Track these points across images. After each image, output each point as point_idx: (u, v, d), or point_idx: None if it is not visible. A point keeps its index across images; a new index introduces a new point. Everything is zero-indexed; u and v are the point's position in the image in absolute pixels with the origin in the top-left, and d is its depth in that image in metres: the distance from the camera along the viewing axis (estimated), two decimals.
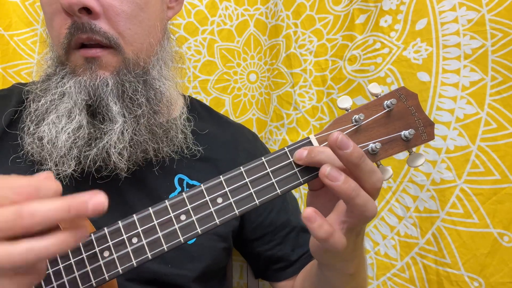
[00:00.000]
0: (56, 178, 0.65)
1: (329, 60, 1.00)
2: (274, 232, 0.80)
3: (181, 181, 0.75)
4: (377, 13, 0.92)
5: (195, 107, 0.87)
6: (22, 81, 1.00)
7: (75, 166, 0.65)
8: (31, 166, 0.69)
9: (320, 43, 1.02)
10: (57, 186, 0.42)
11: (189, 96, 0.89)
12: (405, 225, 0.89)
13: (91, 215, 0.40)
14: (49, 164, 0.66)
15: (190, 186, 0.75)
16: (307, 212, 0.47)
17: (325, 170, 0.47)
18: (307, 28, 1.03)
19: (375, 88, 0.57)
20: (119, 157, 0.66)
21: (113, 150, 0.65)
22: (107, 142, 0.65)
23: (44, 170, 0.66)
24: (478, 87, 0.84)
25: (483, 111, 0.83)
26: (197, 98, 1.01)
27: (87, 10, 0.63)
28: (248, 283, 0.97)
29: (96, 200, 0.40)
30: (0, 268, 0.37)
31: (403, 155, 0.89)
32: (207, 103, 1.05)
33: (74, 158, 0.65)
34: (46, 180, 0.42)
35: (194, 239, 0.71)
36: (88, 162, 0.66)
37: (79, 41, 0.65)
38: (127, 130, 0.66)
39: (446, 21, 0.86)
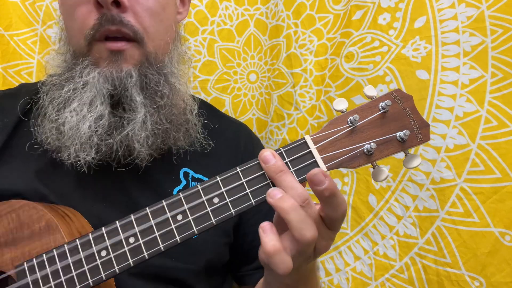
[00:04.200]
0: (75, 165, 0.68)
1: (329, 58, 1.00)
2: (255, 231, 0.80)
3: (186, 174, 0.77)
4: (375, 10, 0.92)
5: (200, 106, 0.88)
6: (23, 81, 1.01)
7: (95, 154, 0.67)
8: (46, 153, 0.71)
9: (321, 43, 1.02)
10: None
11: (194, 95, 0.90)
12: (404, 224, 0.88)
13: None
14: (70, 150, 0.67)
15: (195, 180, 0.77)
16: (264, 223, 0.50)
17: (269, 191, 0.51)
18: (307, 28, 1.02)
19: (371, 91, 0.58)
20: (141, 146, 0.68)
21: (136, 138, 0.67)
22: (130, 130, 0.67)
23: (62, 156, 0.68)
24: (478, 85, 0.82)
25: (483, 108, 0.82)
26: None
27: (116, 3, 0.65)
28: None
29: None
30: None
31: (402, 153, 0.88)
32: None
33: (94, 146, 0.66)
34: None
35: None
36: (109, 150, 0.67)
37: (106, 33, 0.67)
38: (148, 119, 0.68)
39: (445, 18, 0.85)
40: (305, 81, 1.02)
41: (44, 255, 0.55)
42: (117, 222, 0.54)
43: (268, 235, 0.49)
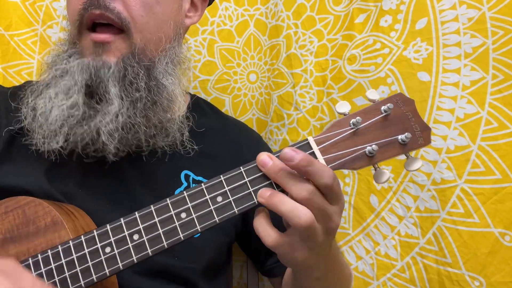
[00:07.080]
0: (42, 152, 0.67)
1: (329, 60, 1.00)
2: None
3: (187, 177, 0.76)
4: (377, 13, 0.92)
5: (199, 104, 0.88)
6: (23, 81, 1.00)
7: (63, 143, 0.66)
8: (21, 136, 0.71)
9: (321, 44, 1.02)
10: None
11: (195, 95, 0.89)
12: (405, 225, 0.88)
13: None
14: (38, 136, 0.67)
15: (196, 182, 0.77)
16: (255, 221, 0.53)
17: (259, 192, 0.53)
18: (307, 29, 1.03)
19: (373, 95, 0.58)
20: (110, 139, 0.66)
21: (104, 130, 0.66)
22: (99, 122, 0.66)
23: (33, 142, 0.68)
24: (478, 86, 0.83)
25: (484, 110, 0.82)
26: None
27: None
28: (248, 283, 0.97)
29: None
30: None
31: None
32: None
33: (63, 135, 0.66)
34: None
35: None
36: (75, 139, 0.66)
37: (91, 17, 0.67)
38: (122, 112, 0.67)
39: (446, 20, 0.86)
40: (305, 81, 1.02)
41: (49, 251, 0.55)
42: (121, 219, 0.55)
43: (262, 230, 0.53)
